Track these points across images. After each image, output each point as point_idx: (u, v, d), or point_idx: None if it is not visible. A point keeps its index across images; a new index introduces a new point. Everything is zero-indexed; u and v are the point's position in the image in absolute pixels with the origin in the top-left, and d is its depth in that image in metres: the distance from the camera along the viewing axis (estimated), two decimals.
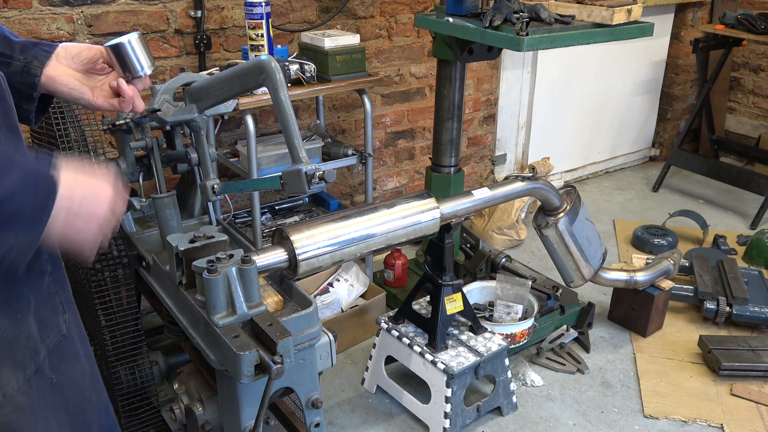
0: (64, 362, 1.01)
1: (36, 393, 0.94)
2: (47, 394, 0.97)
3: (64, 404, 1.00)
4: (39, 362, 0.95)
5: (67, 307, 1.04)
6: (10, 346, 0.90)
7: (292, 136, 1.51)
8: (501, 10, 2.26)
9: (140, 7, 2.61)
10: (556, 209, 2.43)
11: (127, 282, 1.97)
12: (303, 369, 1.65)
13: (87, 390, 1.07)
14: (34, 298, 0.95)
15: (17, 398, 0.91)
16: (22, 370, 0.92)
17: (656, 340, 2.89)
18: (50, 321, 0.99)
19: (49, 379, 0.97)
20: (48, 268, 0.99)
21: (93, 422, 1.08)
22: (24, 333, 0.92)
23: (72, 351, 1.03)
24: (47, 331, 0.97)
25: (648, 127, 4.92)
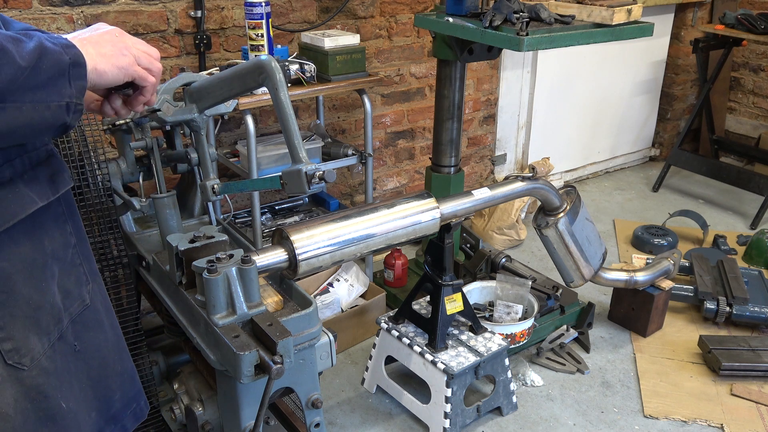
0: (88, 331, 1.06)
1: (60, 359, 0.99)
2: (70, 361, 1.01)
3: (87, 371, 1.05)
4: (62, 329, 0.99)
5: (92, 279, 1.09)
6: (35, 313, 0.94)
7: (292, 136, 1.51)
8: (501, 10, 2.26)
9: (140, 7, 2.61)
10: (556, 209, 2.43)
11: (127, 282, 1.97)
12: (303, 369, 1.65)
13: (111, 359, 1.11)
14: (59, 268, 1.00)
15: (43, 362, 0.95)
16: (46, 336, 0.96)
17: (656, 340, 2.89)
18: (74, 291, 1.03)
19: (72, 346, 1.02)
20: (72, 241, 1.04)
21: (116, 389, 1.12)
22: (48, 301, 0.97)
23: (96, 321, 1.08)
24: (71, 300, 1.02)
25: (648, 127, 4.92)
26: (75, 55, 0.89)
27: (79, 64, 0.90)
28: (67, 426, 0.99)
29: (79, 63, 0.90)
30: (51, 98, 0.86)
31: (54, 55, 0.86)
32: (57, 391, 0.97)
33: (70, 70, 0.88)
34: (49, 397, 0.96)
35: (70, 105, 0.89)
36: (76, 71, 0.89)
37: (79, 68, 0.90)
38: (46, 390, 0.96)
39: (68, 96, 0.88)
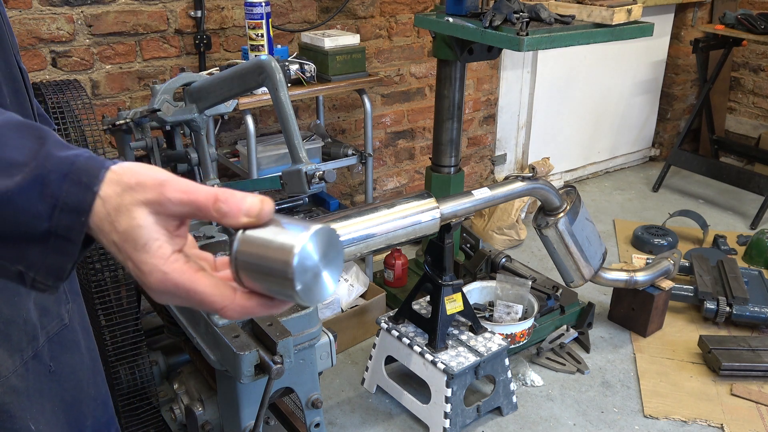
0: (64, 352, 1.00)
1: (33, 378, 0.93)
2: (44, 381, 0.95)
3: (60, 393, 0.99)
4: (37, 348, 0.93)
5: (71, 298, 1.02)
6: (5, 327, 0.88)
7: (292, 136, 1.51)
8: (501, 10, 2.26)
9: (140, 7, 2.61)
10: (556, 209, 2.43)
11: (127, 282, 1.97)
12: (303, 369, 1.65)
13: (85, 382, 1.06)
14: None
15: (12, 380, 0.90)
16: (18, 353, 0.90)
17: (656, 340, 2.89)
18: (52, 309, 0.97)
19: (47, 366, 0.96)
20: None
21: (88, 415, 1.06)
22: (21, 316, 0.90)
23: (73, 342, 1.02)
24: (48, 318, 0.96)
25: (648, 127, 4.92)
26: (66, 228, 0.59)
27: (67, 239, 0.60)
28: None
29: (69, 238, 0.59)
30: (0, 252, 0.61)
31: (18, 216, 0.58)
32: (26, 411, 0.91)
33: (48, 239, 0.59)
34: (15, 418, 0.90)
35: (24, 276, 0.61)
36: (57, 244, 0.60)
37: (63, 243, 0.60)
38: (12, 410, 0.90)
39: (27, 265, 0.60)
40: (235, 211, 0.59)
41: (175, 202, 0.59)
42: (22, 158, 0.58)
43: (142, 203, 0.59)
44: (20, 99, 0.88)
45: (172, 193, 0.59)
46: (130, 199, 0.59)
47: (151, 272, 0.60)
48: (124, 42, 2.62)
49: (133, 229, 0.59)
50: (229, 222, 0.60)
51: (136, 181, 0.60)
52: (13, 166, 0.58)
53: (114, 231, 0.60)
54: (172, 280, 0.60)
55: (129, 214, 0.59)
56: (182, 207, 0.60)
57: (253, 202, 0.59)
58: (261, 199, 0.59)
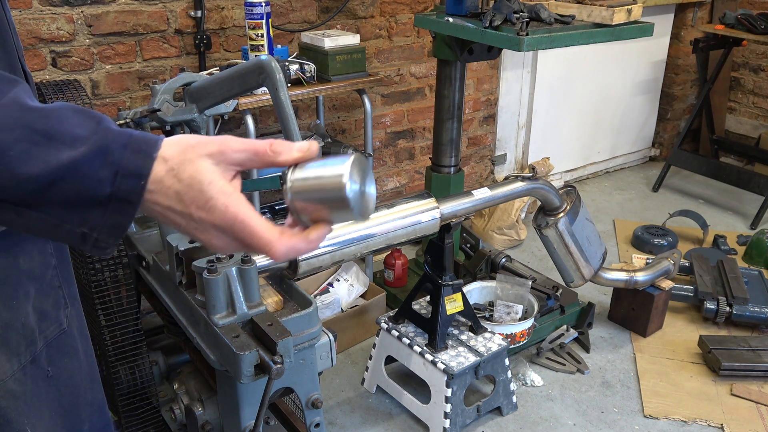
0: (62, 357, 1.00)
1: (30, 383, 0.93)
2: (41, 386, 0.96)
3: (58, 398, 1.00)
4: (36, 352, 0.94)
5: (70, 303, 1.02)
6: (3, 331, 0.89)
7: (292, 136, 1.51)
8: (501, 10, 2.26)
9: (140, 7, 2.61)
10: (556, 209, 2.43)
11: (127, 282, 1.97)
12: (303, 369, 1.65)
13: (83, 387, 1.06)
14: (35, 288, 0.94)
15: (10, 385, 0.90)
16: (16, 357, 0.91)
17: (656, 340, 2.89)
18: (51, 313, 0.97)
19: (45, 371, 0.96)
20: (53, 262, 0.97)
21: (85, 420, 1.07)
22: (19, 320, 0.91)
23: (71, 347, 1.02)
24: (47, 322, 0.96)
25: (648, 127, 4.92)
26: (126, 191, 0.66)
27: (128, 201, 0.67)
28: None
29: (130, 200, 0.67)
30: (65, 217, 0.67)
31: (83, 183, 0.65)
32: (23, 416, 0.92)
33: (109, 202, 0.66)
34: (12, 422, 0.90)
35: (86, 237, 0.68)
36: (118, 206, 0.66)
37: (124, 204, 0.67)
38: (10, 414, 0.90)
39: (90, 227, 0.67)
40: (288, 148, 0.69)
41: (236, 149, 0.68)
42: (84, 132, 0.65)
43: (206, 155, 0.68)
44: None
45: (233, 142, 0.68)
46: (193, 154, 0.67)
47: (215, 207, 0.67)
48: (124, 42, 2.62)
49: (199, 173, 0.67)
50: (284, 158, 0.69)
51: (196, 140, 0.68)
52: (77, 140, 0.64)
53: (177, 182, 0.67)
54: (232, 211, 0.67)
55: (193, 165, 0.67)
56: (242, 153, 0.68)
57: (302, 143, 0.70)
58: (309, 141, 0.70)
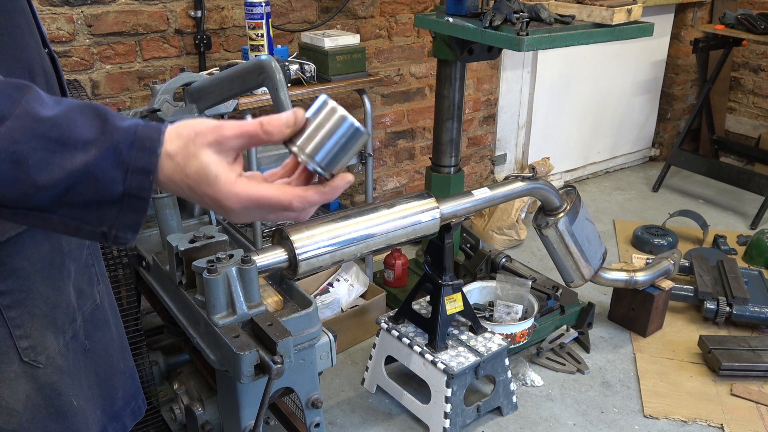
0: (97, 330, 1.07)
1: (72, 357, 1.00)
2: (81, 359, 1.03)
3: (95, 369, 1.07)
4: (76, 328, 1.01)
5: (101, 279, 1.10)
6: (52, 311, 0.96)
7: None
8: (501, 10, 2.26)
9: (140, 7, 2.61)
10: (556, 209, 2.43)
11: (127, 282, 1.97)
12: (303, 369, 1.65)
13: (115, 357, 1.13)
14: (74, 268, 1.00)
15: (58, 361, 0.97)
16: (62, 335, 0.98)
17: (656, 340, 2.89)
18: (86, 290, 1.04)
19: (83, 345, 1.03)
20: (86, 242, 1.04)
21: (119, 387, 1.14)
22: (64, 300, 0.98)
23: (104, 320, 1.10)
24: (84, 299, 1.03)
25: (648, 127, 4.92)
26: (137, 187, 0.70)
27: (140, 197, 0.71)
28: (77, 423, 1.00)
29: (141, 196, 0.71)
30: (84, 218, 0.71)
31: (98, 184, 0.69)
32: (69, 388, 0.99)
33: (123, 200, 0.71)
34: (61, 395, 0.97)
35: (106, 234, 0.72)
36: (131, 203, 0.71)
37: (136, 200, 0.71)
38: (60, 387, 0.97)
39: (109, 225, 0.72)
40: (278, 127, 0.73)
41: (232, 137, 0.73)
42: (92, 135, 0.69)
43: (206, 146, 0.72)
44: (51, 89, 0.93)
45: (228, 131, 0.72)
46: (194, 148, 0.72)
47: (227, 196, 0.73)
48: (124, 42, 2.62)
49: (203, 168, 0.72)
50: (278, 138, 0.74)
51: (194, 132, 0.72)
52: (88, 143, 0.68)
53: (186, 177, 0.72)
54: (244, 195, 0.74)
55: (197, 157, 0.72)
56: (239, 140, 0.73)
57: (288, 116, 0.74)
58: (293, 111, 0.74)
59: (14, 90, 0.68)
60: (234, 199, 0.74)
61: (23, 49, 0.86)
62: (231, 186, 0.73)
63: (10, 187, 0.67)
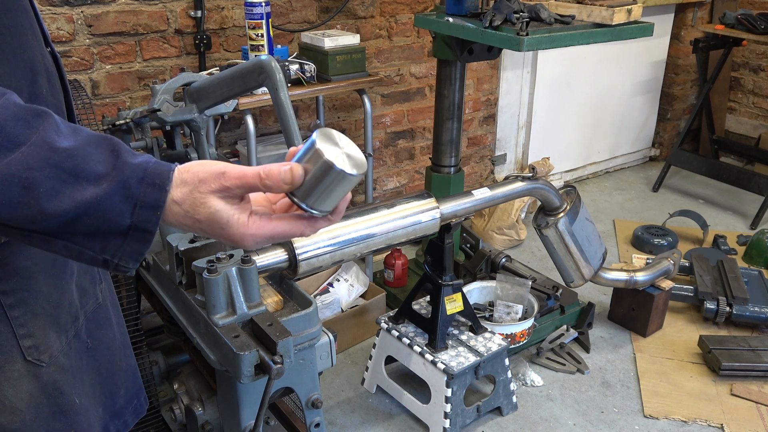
0: (99, 328, 1.08)
1: (75, 355, 1.01)
2: (83, 357, 1.04)
3: (97, 367, 1.08)
4: (78, 327, 1.02)
5: (103, 278, 1.11)
6: (55, 311, 0.96)
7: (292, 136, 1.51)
8: (501, 10, 2.26)
9: (140, 7, 2.61)
10: (556, 209, 2.43)
11: (127, 282, 1.97)
12: (303, 369, 1.65)
13: (117, 356, 1.14)
14: (77, 267, 1.02)
15: (60, 359, 0.97)
16: (64, 333, 0.98)
17: (656, 340, 2.89)
18: (89, 289, 1.05)
19: (86, 343, 1.04)
20: None
21: (121, 385, 1.15)
22: (67, 299, 0.99)
23: (106, 318, 1.11)
24: (86, 298, 1.04)
25: (648, 127, 4.92)
26: (144, 221, 0.73)
27: (146, 230, 0.74)
28: (79, 421, 1.01)
29: (147, 229, 0.74)
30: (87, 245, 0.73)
31: (105, 216, 0.71)
32: (72, 387, 1.00)
33: (128, 231, 0.73)
34: (64, 393, 0.98)
35: (108, 262, 0.75)
36: (136, 235, 0.74)
37: (142, 233, 0.74)
38: (62, 386, 0.98)
39: (111, 254, 0.74)
40: (277, 184, 0.76)
41: (234, 187, 0.76)
42: (104, 170, 0.71)
43: (211, 193, 0.75)
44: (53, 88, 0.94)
45: (230, 181, 0.75)
46: (199, 195, 0.75)
47: (243, 238, 0.78)
48: (124, 42, 2.62)
49: (213, 215, 0.76)
50: (277, 191, 0.78)
51: (198, 179, 0.75)
52: (100, 177, 0.71)
53: (197, 222, 0.76)
54: (260, 235, 0.78)
55: (205, 205, 0.75)
56: (240, 189, 0.76)
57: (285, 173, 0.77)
58: (290, 169, 0.76)
59: (33, 116, 0.69)
60: (250, 239, 0.78)
61: (26, 48, 0.87)
62: (245, 229, 0.77)
63: (18, 211, 0.68)
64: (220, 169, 0.76)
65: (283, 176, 0.76)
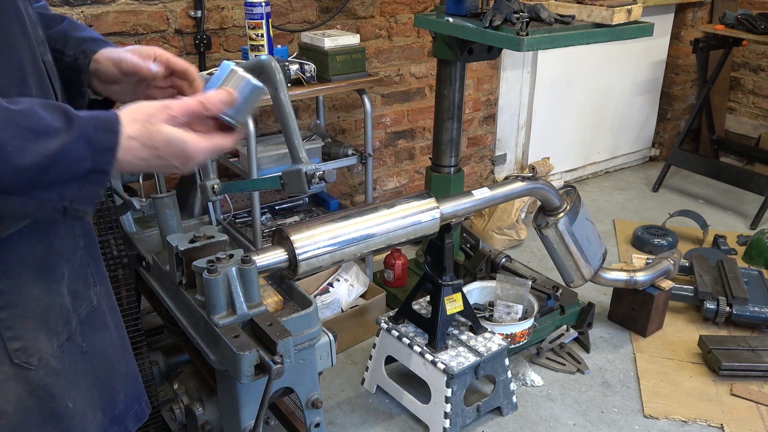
0: (94, 332, 1.07)
1: (68, 359, 1.00)
2: (78, 361, 1.03)
3: (93, 372, 1.06)
4: (71, 330, 1.01)
5: (99, 281, 1.10)
6: (44, 313, 0.96)
7: (292, 136, 1.51)
8: (501, 10, 2.26)
9: (140, 7, 2.61)
10: (556, 209, 2.43)
11: (127, 282, 1.97)
12: (303, 369, 1.65)
13: (115, 359, 1.12)
14: (68, 270, 1.01)
15: (52, 363, 0.97)
16: (55, 336, 0.98)
17: (656, 340, 2.89)
18: (82, 292, 1.04)
19: (80, 347, 1.03)
20: (81, 243, 1.04)
21: (120, 390, 1.13)
22: (57, 302, 0.98)
23: (102, 322, 1.09)
24: (79, 301, 1.03)
25: (648, 127, 4.92)
26: (101, 163, 0.81)
27: (102, 171, 0.81)
28: (73, 425, 1.00)
29: (104, 170, 0.81)
30: (46, 197, 0.79)
31: (70, 164, 0.78)
32: (65, 390, 0.99)
33: (88, 175, 0.80)
34: (56, 397, 0.97)
35: (68, 210, 0.81)
36: (94, 178, 0.81)
37: (99, 176, 0.81)
38: (54, 390, 0.97)
39: (70, 200, 0.80)
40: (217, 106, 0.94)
41: (179, 115, 0.90)
42: (60, 124, 0.78)
43: (162, 122, 0.87)
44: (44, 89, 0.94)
45: (176, 110, 0.89)
46: (152, 126, 0.86)
47: (196, 151, 0.91)
48: (125, 42, 2.62)
49: (170, 139, 0.88)
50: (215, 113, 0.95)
51: (147, 114, 0.87)
52: (58, 131, 0.78)
53: (154, 149, 0.86)
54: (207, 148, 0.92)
55: (160, 133, 0.87)
56: (185, 116, 0.90)
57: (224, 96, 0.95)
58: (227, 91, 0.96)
59: None
60: (201, 152, 0.92)
61: (16, 49, 0.87)
62: (198, 143, 0.91)
63: None
64: (163, 103, 0.89)
65: (222, 98, 0.95)
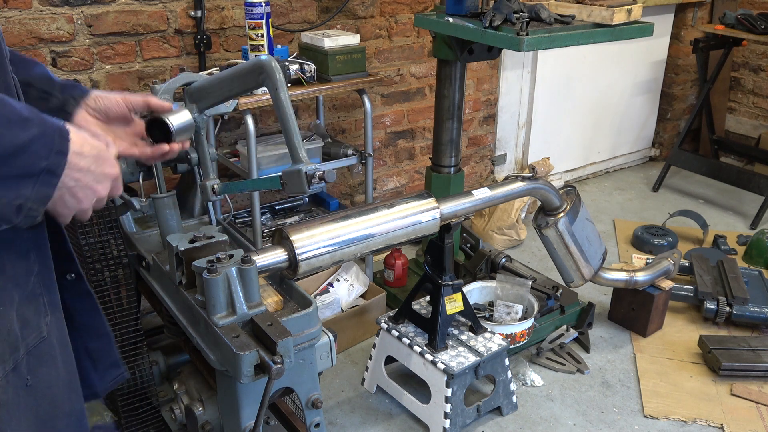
0: (41, 365, 1.00)
1: (12, 391, 0.94)
2: (21, 395, 0.96)
3: (35, 408, 0.99)
4: (18, 360, 0.95)
5: (50, 311, 1.03)
6: None
7: (292, 136, 1.51)
8: (501, 10, 2.26)
9: (140, 7, 2.61)
10: (556, 209, 2.43)
11: (127, 282, 1.97)
12: (303, 369, 1.65)
13: (60, 398, 1.05)
14: (18, 295, 0.95)
15: None
16: (1, 364, 0.92)
17: (656, 340, 2.89)
18: (32, 321, 0.98)
19: (25, 380, 0.97)
20: (35, 269, 0.98)
21: (62, 430, 1.06)
22: (5, 327, 0.92)
23: (50, 356, 1.02)
24: (28, 330, 0.97)
25: (648, 127, 4.92)
26: (55, 165, 0.84)
27: (53, 174, 0.84)
28: None
29: (55, 173, 0.84)
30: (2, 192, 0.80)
31: (30, 158, 0.80)
32: (5, 425, 0.93)
33: (41, 175, 0.83)
34: None
35: (22, 207, 0.82)
36: (46, 179, 0.83)
37: (51, 177, 0.84)
38: None
39: (24, 197, 0.82)
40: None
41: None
42: (27, 114, 0.80)
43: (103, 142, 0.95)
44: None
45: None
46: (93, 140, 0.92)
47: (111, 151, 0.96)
48: (124, 42, 2.62)
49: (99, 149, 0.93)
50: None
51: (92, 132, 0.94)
52: (27, 121, 0.80)
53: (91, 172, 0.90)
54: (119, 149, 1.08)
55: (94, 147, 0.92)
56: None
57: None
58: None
59: None
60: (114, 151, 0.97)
61: None
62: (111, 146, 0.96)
63: None
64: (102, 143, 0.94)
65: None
